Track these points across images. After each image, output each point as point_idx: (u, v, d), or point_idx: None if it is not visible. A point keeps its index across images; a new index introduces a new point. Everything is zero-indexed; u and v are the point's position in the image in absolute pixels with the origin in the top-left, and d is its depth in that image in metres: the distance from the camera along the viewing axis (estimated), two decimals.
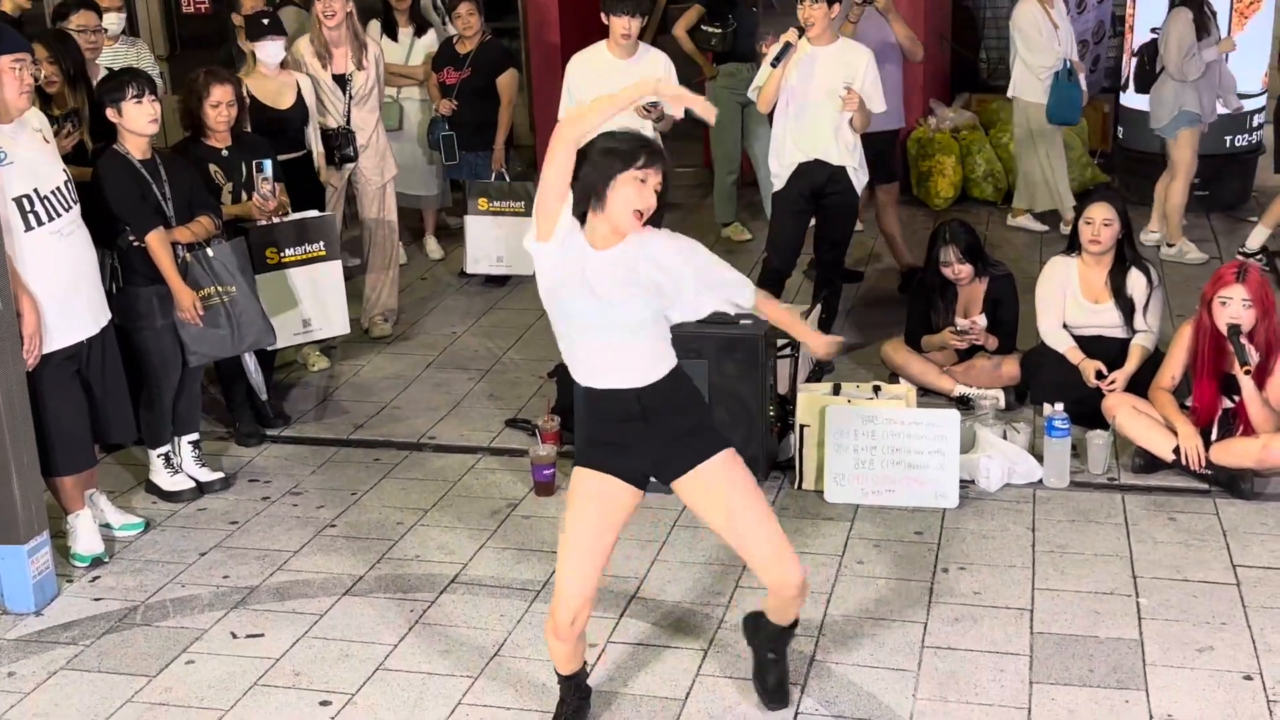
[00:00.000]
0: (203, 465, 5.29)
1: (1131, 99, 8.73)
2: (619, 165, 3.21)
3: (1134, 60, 8.44)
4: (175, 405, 5.20)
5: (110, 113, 4.87)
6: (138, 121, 4.85)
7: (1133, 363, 5.41)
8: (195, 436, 5.31)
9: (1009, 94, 8.17)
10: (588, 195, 3.25)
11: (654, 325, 3.38)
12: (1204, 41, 7.44)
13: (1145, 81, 8.04)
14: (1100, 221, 5.49)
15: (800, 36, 5.91)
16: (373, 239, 6.90)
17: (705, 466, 3.40)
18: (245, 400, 5.73)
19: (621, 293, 3.28)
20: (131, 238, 4.90)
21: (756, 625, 3.73)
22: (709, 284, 3.40)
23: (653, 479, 3.49)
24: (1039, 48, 7.82)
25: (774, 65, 5.94)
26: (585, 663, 3.68)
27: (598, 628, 4.16)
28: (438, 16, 8.59)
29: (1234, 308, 4.81)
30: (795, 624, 3.68)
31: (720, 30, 8.01)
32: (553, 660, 3.62)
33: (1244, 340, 4.80)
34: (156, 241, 4.88)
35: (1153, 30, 8.09)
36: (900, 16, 7.20)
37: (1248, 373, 4.81)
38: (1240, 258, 6.78)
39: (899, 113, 7.30)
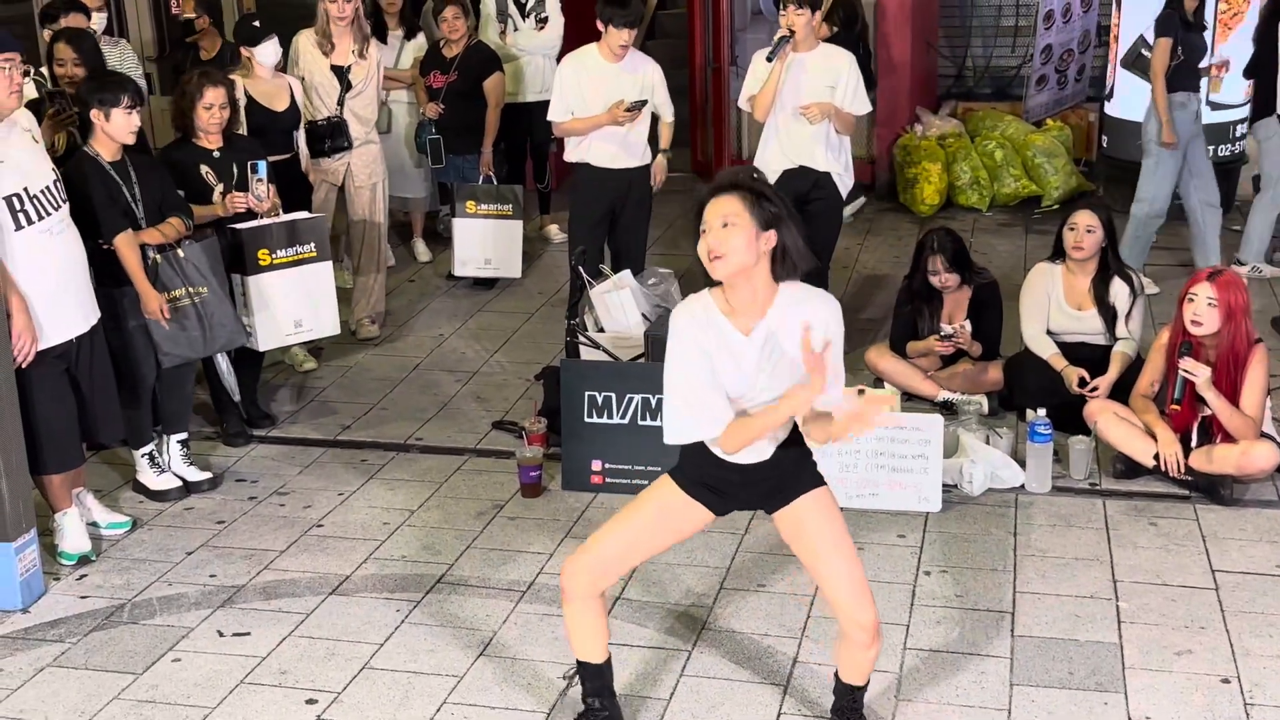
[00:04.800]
0: (190, 464, 5.30)
1: (1116, 108, 8.79)
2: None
3: None
4: (166, 405, 5.22)
5: (96, 114, 4.82)
6: (122, 131, 4.85)
7: (1115, 370, 5.46)
8: (184, 436, 5.32)
9: None
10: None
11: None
12: None
13: None
14: (1084, 228, 5.54)
15: (791, 36, 5.94)
16: (362, 241, 6.92)
17: (798, 502, 3.38)
18: (232, 401, 5.74)
19: (767, 367, 3.19)
20: (100, 240, 4.88)
21: (838, 714, 3.62)
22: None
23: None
24: None
25: (770, 59, 5.96)
26: (608, 661, 3.55)
27: None
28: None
29: (1198, 305, 4.86)
30: (865, 688, 3.56)
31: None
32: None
33: (1187, 370, 4.83)
34: (124, 243, 4.87)
35: None
36: None
37: (1174, 411, 4.91)
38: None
39: None
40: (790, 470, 3.38)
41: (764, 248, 3.12)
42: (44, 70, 5.73)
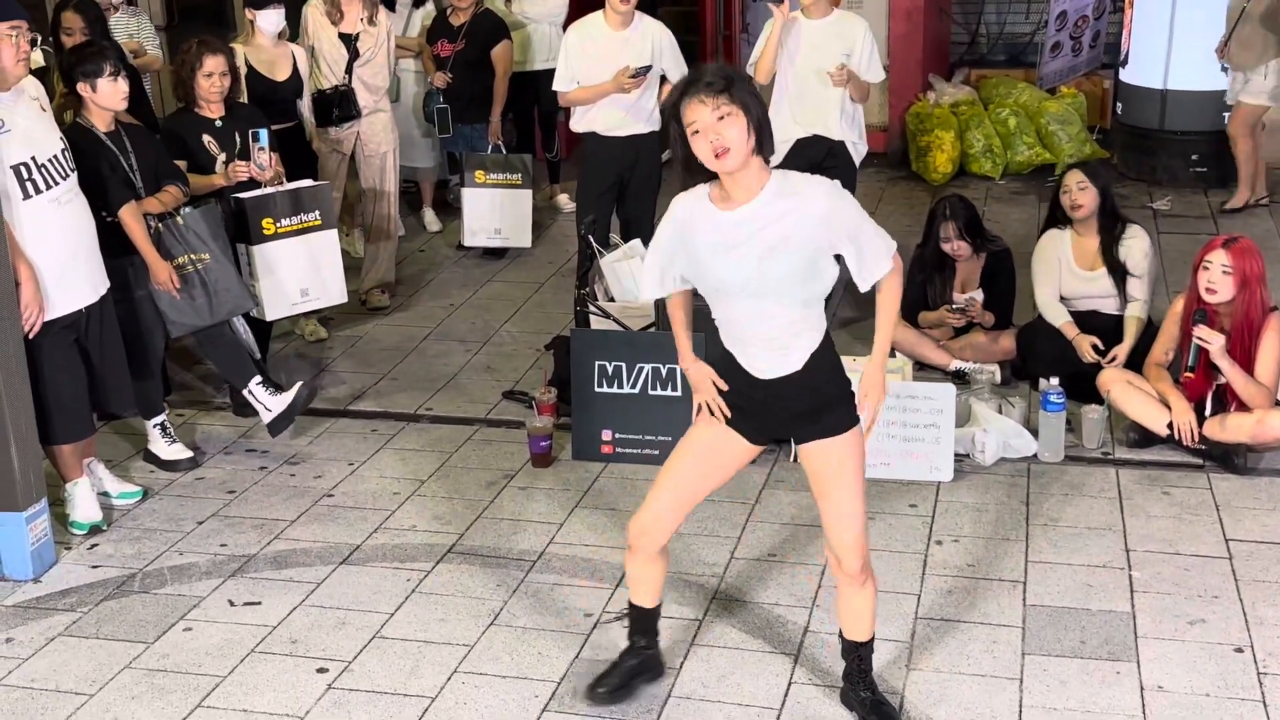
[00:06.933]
0: (274, 394, 5.25)
1: (1131, 75, 8.71)
2: (676, 128, 3.19)
3: None
4: (221, 362, 5.26)
5: (82, 87, 4.78)
6: (112, 99, 4.82)
7: (1129, 337, 5.42)
8: (259, 379, 5.27)
9: None
10: (690, 169, 3.23)
11: (799, 288, 3.24)
12: None
13: None
14: (1075, 186, 5.49)
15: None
16: (373, 210, 6.90)
17: (830, 442, 3.36)
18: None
19: (759, 251, 3.20)
20: (103, 212, 4.84)
21: (848, 680, 3.65)
22: (852, 238, 3.23)
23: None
24: None
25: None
26: (658, 608, 3.69)
27: (591, 599, 4.19)
28: None
29: (1213, 273, 4.82)
30: (871, 645, 3.59)
31: None
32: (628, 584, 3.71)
33: (1201, 337, 4.80)
34: (129, 214, 4.85)
35: None
36: None
37: (1188, 379, 4.87)
38: None
39: None
40: (826, 396, 3.35)
41: (753, 131, 3.16)
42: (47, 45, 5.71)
